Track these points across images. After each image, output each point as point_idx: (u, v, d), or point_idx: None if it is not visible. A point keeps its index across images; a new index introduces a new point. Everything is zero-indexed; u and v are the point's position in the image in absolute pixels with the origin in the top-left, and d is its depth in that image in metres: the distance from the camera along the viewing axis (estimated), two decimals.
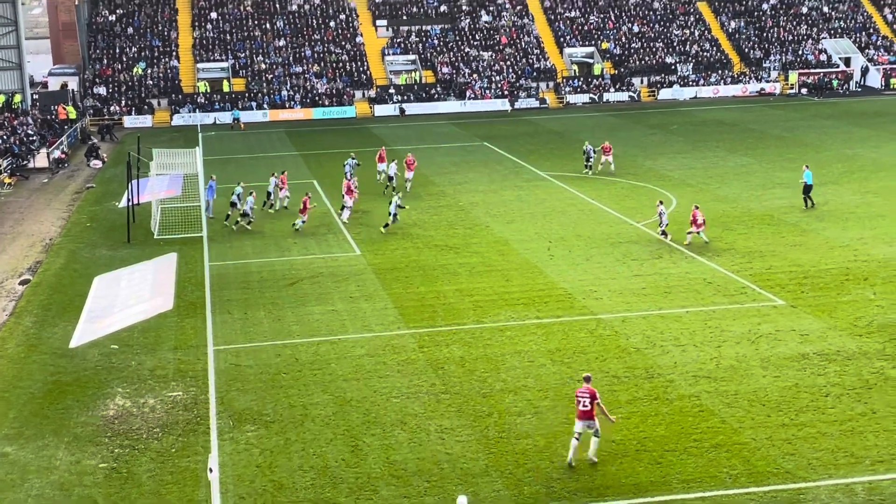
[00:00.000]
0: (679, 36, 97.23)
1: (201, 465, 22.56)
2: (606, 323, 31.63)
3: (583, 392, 22.37)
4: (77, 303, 33.78)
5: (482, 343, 30.17)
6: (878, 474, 21.79)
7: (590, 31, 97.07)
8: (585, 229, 43.53)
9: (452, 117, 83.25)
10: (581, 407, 22.30)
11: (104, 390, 27.45)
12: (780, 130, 70.47)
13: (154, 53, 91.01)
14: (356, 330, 31.70)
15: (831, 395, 25.75)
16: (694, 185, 52.25)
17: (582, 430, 22.32)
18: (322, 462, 22.99)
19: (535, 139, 70.05)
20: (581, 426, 22.29)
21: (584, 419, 22.28)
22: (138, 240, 43.67)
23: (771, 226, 43.41)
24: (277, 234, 44.35)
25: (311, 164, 61.98)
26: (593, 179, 54.21)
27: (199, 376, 28.26)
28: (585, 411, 22.25)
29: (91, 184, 58.36)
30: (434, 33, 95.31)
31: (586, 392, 22.32)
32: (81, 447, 24.10)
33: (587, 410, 22.24)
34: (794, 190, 50.12)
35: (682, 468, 22.27)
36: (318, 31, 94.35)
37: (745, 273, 36.49)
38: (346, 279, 37.19)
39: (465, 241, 42.31)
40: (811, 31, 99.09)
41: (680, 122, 76.73)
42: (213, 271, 38.73)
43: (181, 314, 33.23)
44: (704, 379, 27.01)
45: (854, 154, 60.23)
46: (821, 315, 31.84)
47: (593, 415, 22.25)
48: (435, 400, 26.17)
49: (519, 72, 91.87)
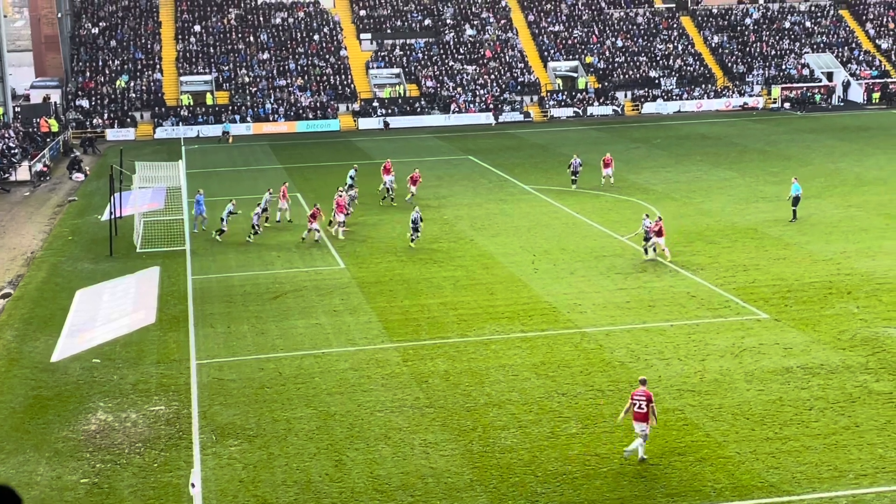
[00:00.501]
0: (662, 50, 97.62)
1: (184, 480, 22.39)
2: (591, 336, 31.62)
3: (639, 395, 22.91)
4: (59, 317, 33.57)
5: (466, 357, 30.10)
6: (861, 488, 21.80)
7: (574, 45, 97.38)
8: (570, 243, 43.56)
9: (437, 131, 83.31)
10: (637, 409, 22.85)
11: (86, 405, 27.25)
12: (763, 144, 70.76)
13: (137, 66, 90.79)
14: (340, 344, 31.59)
15: (815, 409, 25.77)
16: (677, 199, 52.37)
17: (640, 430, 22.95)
18: (305, 477, 22.85)
19: (519, 153, 70.15)
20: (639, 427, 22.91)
21: (640, 420, 22.80)
22: (121, 253, 43.47)
23: (754, 239, 43.52)
24: (261, 247, 44.20)
25: (295, 178, 61.83)
26: (578, 193, 54.27)
27: (181, 390, 28.09)
28: (642, 413, 22.80)
29: (73, 197, 58.10)
30: (418, 47, 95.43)
31: (643, 395, 22.89)
32: (62, 462, 23.90)
33: (643, 413, 22.78)
34: (778, 204, 50.33)
35: (666, 482, 22.23)
36: (302, 45, 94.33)
37: (728, 287, 36.55)
38: (330, 293, 37.08)
39: (450, 254, 42.27)
40: (794, 45, 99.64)
41: (663, 135, 76.97)
42: (195, 285, 38.56)
43: (164, 328, 33.06)
44: (689, 392, 27.01)
45: (837, 168, 60.51)
46: (804, 329, 31.90)
47: (648, 417, 22.79)
48: (419, 414, 26.07)
49: (503, 85, 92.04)
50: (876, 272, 38.03)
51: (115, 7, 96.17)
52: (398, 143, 76.84)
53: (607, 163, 56.34)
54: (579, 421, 25.37)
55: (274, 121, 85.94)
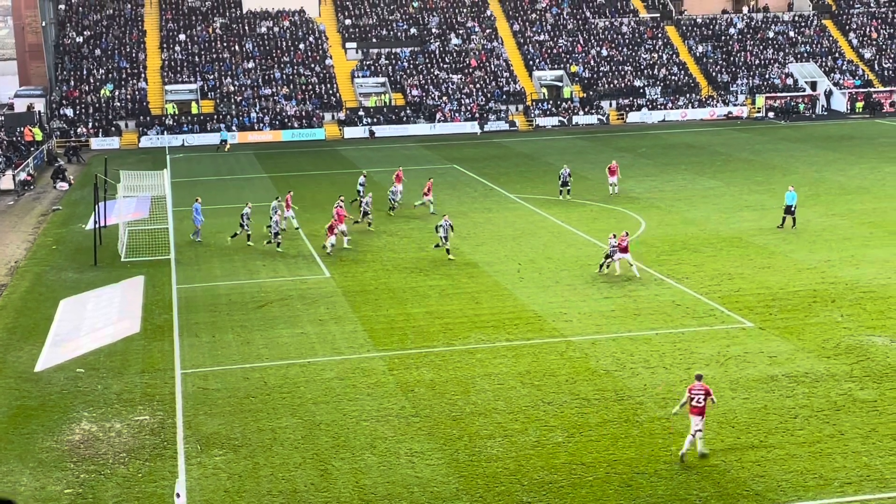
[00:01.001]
0: (647, 60, 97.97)
1: (168, 490, 22.29)
2: (576, 345, 31.64)
3: (697, 389, 23.27)
4: (43, 326, 33.44)
5: (452, 366, 30.08)
6: (846, 496, 21.86)
7: (559, 54, 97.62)
8: (555, 252, 43.60)
9: (422, 140, 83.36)
10: (695, 403, 23.26)
11: (70, 415, 27.12)
12: (747, 153, 71.03)
13: (122, 75, 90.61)
14: (325, 353, 31.53)
15: (800, 417, 25.84)
16: (662, 208, 52.50)
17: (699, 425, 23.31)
18: (291, 486, 22.78)
19: (504, 162, 70.23)
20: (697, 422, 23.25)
21: (697, 414, 23.11)
22: (105, 262, 43.31)
23: (739, 248, 43.66)
24: (246, 256, 44.11)
25: (280, 187, 61.75)
26: (562, 203, 54.32)
27: (166, 400, 27.98)
28: (699, 408, 23.14)
29: (57, 206, 57.90)
30: (404, 56, 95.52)
31: (701, 389, 23.27)
32: (46, 472, 23.77)
33: (701, 407, 23.13)
34: (763, 212, 50.56)
35: (652, 491, 22.25)
36: (287, 54, 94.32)
37: (713, 295, 36.65)
38: (316, 302, 37.02)
39: (435, 263, 42.26)
40: (777, 55, 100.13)
41: (648, 144, 77.18)
42: (180, 294, 38.45)
43: (148, 337, 32.94)
44: (674, 401, 27.00)
45: (821, 177, 60.78)
46: (789, 337, 32.00)
47: (705, 411, 23.18)
48: (405, 423, 26.04)
49: (488, 95, 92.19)
50: (860, 280, 38.19)
51: (100, 16, 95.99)
52: (384, 151, 76.86)
53: (613, 171, 56.02)
54: (565, 430, 25.38)
55: (259, 129, 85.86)
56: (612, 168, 56.38)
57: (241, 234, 45.96)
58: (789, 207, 46.68)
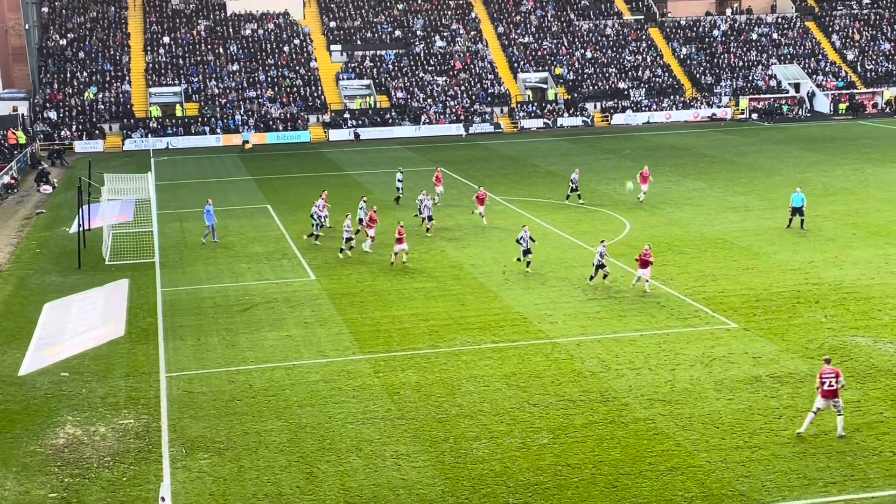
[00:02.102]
0: (631, 62, 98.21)
1: (153, 494, 22.23)
2: (562, 347, 31.68)
3: (828, 373, 24.13)
4: (27, 330, 33.30)
5: (438, 368, 30.09)
6: (831, 496, 21.94)
7: (543, 56, 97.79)
8: (540, 254, 43.63)
9: (407, 142, 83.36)
10: (826, 387, 24.09)
11: (54, 419, 27.02)
12: (731, 155, 71.26)
13: (106, 78, 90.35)
14: (311, 356, 31.50)
15: (784, 417, 25.94)
16: (647, 210, 52.62)
17: (824, 406, 24.30)
18: (276, 489, 22.75)
19: (489, 164, 70.29)
20: (823, 403, 24.27)
21: (828, 398, 24.13)
22: (89, 266, 43.17)
23: (723, 249, 43.80)
24: (231, 259, 44.04)
25: (265, 189, 61.72)
26: (547, 205, 54.39)
27: (150, 403, 27.91)
28: (831, 390, 24.10)
29: (41, 209, 57.68)
30: (388, 58, 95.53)
31: (832, 372, 24.16)
32: (30, 477, 23.67)
33: (833, 390, 24.09)
34: (746, 214, 50.77)
35: (637, 491, 22.30)
36: (271, 56, 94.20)
37: (698, 296, 36.75)
38: (301, 304, 36.98)
39: (421, 265, 42.25)
40: (761, 57, 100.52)
41: (633, 146, 77.37)
42: (165, 297, 38.35)
43: (133, 341, 32.85)
44: (659, 402, 27.11)
45: (804, 178, 61.00)
46: (773, 338, 32.11)
47: (838, 393, 24.16)
48: (390, 425, 26.03)
49: (473, 97, 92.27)
50: (843, 281, 38.36)
51: (84, 18, 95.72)
52: (369, 154, 76.84)
53: (645, 177, 54.41)
54: (550, 431, 25.41)
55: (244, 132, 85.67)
56: (644, 174, 54.71)
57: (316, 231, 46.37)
58: (796, 209, 46.68)
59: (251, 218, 52.76)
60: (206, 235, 46.79)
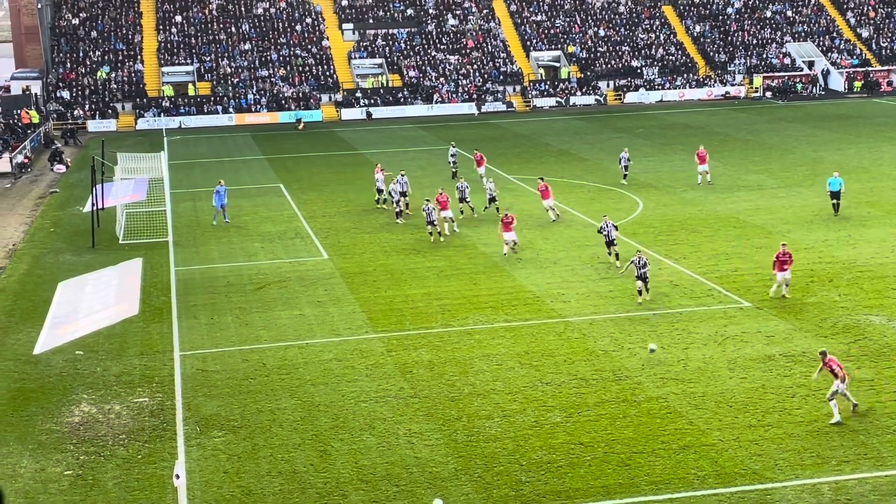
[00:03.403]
0: (644, 39, 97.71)
1: (168, 471, 22.38)
2: (574, 326, 31.69)
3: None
4: (41, 309, 33.46)
5: (450, 346, 30.14)
6: (843, 474, 21.95)
7: (556, 34, 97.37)
8: (553, 232, 43.61)
9: (419, 121, 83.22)
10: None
11: (69, 397, 27.18)
12: (745, 134, 70.96)
13: (118, 57, 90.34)
14: (324, 334, 31.58)
15: (797, 396, 25.93)
16: (660, 188, 52.48)
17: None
18: (290, 467, 22.87)
19: (501, 143, 70.14)
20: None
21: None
22: (103, 245, 43.31)
23: (737, 228, 43.68)
24: (244, 238, 44.12)
25: (277, 169, 61.74)
26: (558, 183, 54.26)
27: (165, 382, 28.05)
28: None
29: (55, 188, 57.84)
30: (401, 37, 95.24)
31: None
32: (46, 454, 23.85)
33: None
34: (760, 192, 50.59)
35: (650, 470, 22.34)
36: (283, 35, 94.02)
37: (711, 275, 36.69)
38: (314, 283, 37.05)
39: (433, 245, 42.25)
40: (775, 34, 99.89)
41: (646, 125, 77.09)
42: (178, 276, 38.47)
43: (147, 319, 32.98)
44: (672, 381, 27.12)
45: (818, 157, 60.74)
46: (786, 317, 32.05)
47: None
48: (403, 404, 26.11)
49: (486, 75, 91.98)
50: (857, 260, 38.23)
51: None
52: (381, 133, 76.77)
53: (703, 157, 53.12)
54: (563, 410, 25.46)
55: (256, 111, 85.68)
56: (701, 154, 53.34)
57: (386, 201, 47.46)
58: (835, 193, 44.86)
59: (264, 197, 52.82)
60: (215, 217, 46.68)
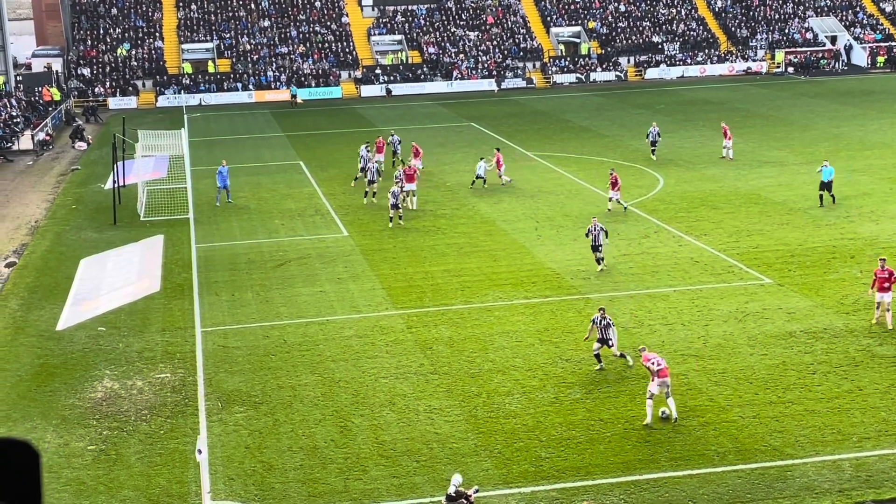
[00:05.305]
0: (665, 15, 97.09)
1: (190, 446, 22.52)
2: (594, 302, 31.63)
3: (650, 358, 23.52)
4: (63, 285, 33.68)
5: (470, 323, 30.17)
6: (864, 451, 21.90)
7: (576, 10, 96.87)
8: (573, 209, 43.53)
9: (439, 98, 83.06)
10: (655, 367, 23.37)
11: (92, 372, 27.38)
12: (766, 109, 70.50)
13: (138, 34, 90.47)
14: (344, 311, 31.67)
15: (818, 373, 25.85)
16: (681, 165, 52.26)
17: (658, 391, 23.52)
18: (311, 443, 22.99)
19: (521, 119, 69.96)
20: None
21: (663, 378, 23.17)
22: (124, 222, 43.51)
23: (758, 204, 43.47)
24: (264, 215, 44.22)
25: (297, 146, 61.78)
26: (578, 160, 54.10)
27: (186, 358, 28.21)
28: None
29: (76, 166, 58.08)
30: (420, 13, 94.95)
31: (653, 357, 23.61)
32: (69, 429, 24.05)
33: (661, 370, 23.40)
34: (781, 168, 50.32)
35: (670, 446, 22.34)
36: (303, 12, 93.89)
37: (732, 252, 36.56)
38: (334, 260, 37.13)
39: (453, 221, 42.27)
40: (797, 9, 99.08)
41: (667, 101, 76.71)
42: (199, 253, 38.62)
43: (168, 296, 33.14)
44: (692, 357, 27.09)
45: (840, 133, 60.33)
46: (808, 293, 31.93)
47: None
48: (423, 380, 26.18)
49: (505, 52, 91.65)
50: (879, 236, 38.01)
51: None
52: (400, 110, 76.67)
53: (725, 132, 52.77)
54: (583, 386, 25.48)
55: (276, 88, 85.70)
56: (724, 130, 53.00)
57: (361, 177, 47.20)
58: (825, 183, 42.32)
59: (284, 174, 52.90)
60: (218, 198, 46.31)
